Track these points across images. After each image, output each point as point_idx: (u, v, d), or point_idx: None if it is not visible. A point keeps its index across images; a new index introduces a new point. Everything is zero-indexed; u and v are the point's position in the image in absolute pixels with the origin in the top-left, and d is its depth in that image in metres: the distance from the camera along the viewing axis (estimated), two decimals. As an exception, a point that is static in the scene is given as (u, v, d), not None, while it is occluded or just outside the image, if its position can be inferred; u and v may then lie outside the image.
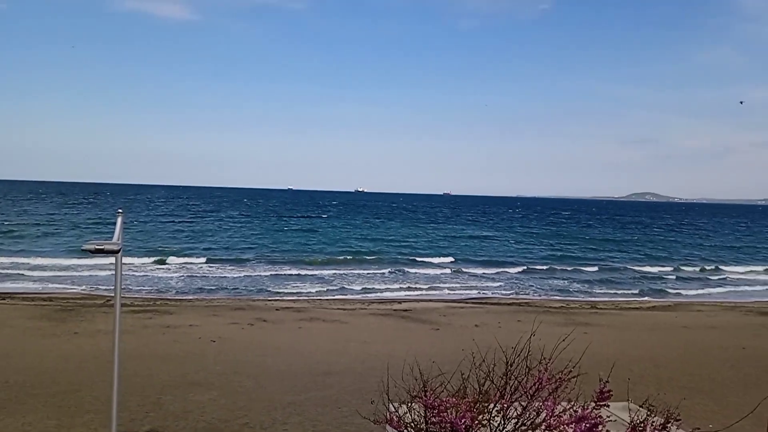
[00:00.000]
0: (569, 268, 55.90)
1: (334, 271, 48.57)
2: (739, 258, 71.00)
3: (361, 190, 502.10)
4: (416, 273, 49.65)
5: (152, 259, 49.75)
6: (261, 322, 26.29)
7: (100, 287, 36.72)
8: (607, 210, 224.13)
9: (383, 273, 48.87)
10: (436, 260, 57.53)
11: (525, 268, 55.10)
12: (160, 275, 43.52)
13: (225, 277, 44.33)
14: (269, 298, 35.97)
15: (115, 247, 3.49)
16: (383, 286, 42.78)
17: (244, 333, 23.96)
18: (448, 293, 40.87)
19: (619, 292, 44.81)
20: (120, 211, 3.71)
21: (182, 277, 42.96)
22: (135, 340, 20.91)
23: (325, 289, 40.93)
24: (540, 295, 41.74)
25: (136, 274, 42.50)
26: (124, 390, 14.22)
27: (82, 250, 3.71)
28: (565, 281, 48.68)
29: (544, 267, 56.26)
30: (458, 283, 45.91)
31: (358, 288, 41.72)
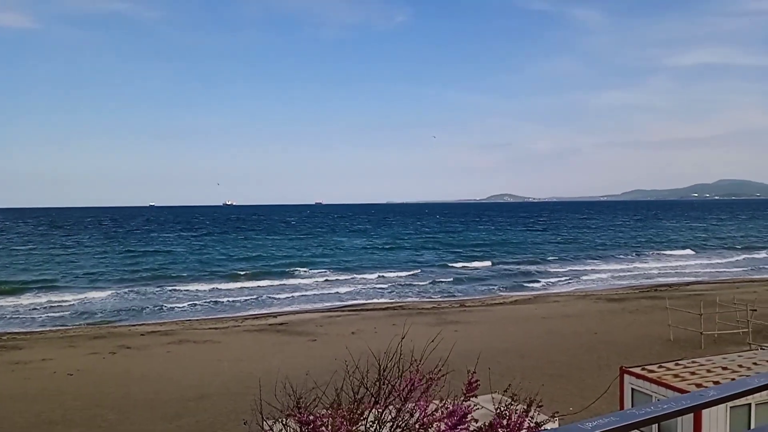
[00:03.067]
0: (443, 270, 58.16)
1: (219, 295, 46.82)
2: (591, 253, 77.64)
3: (229, 203, 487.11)
4: (297, 284, 49.19)
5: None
6: (124, 350, 24.66)
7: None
8: (473, 212, 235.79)
9: (266, 292, 47.63)
10: (313, 271, 57.21)
11: (405, 273, 56.36)
12: (4, 308, 39.34)
13: (82, 304, 40.90)
14: (133, 323, 33.84)
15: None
16: (267, 304, 41.69)
17: (106, 363, 22.37)
18: (326, 303, 40.75)
19: (486, 288, 47.25)
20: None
21: (31, 308, 39.13)
22: (-23, 382, 18.86)
23: (196, 309, 39.22)
24: (414, 298, 42.90)
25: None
26: (-36, 440, 12.69)
27: None
28: (440, 282, 50.35)
29: (422, 271, 57.92)
30: (339, 292, 45.68)
31: (234, 305, 40.44)
